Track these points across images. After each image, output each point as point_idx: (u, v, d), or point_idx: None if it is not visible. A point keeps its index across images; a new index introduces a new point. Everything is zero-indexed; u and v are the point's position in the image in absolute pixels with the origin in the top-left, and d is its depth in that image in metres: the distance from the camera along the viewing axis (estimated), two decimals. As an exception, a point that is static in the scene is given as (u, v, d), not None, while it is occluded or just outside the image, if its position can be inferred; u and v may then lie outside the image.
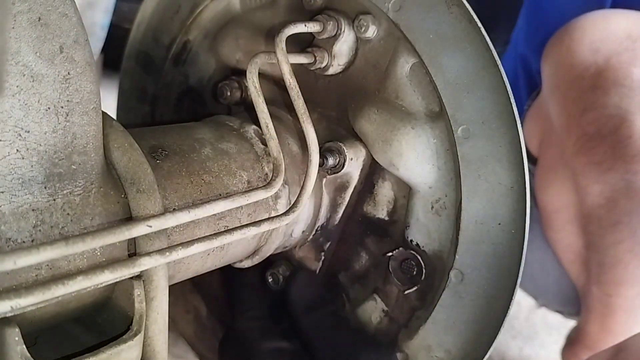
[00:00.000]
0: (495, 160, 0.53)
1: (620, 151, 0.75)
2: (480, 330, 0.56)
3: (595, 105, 0.77)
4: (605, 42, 0.79)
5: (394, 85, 0.58)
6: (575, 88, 0.79)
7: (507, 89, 0.51)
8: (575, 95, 0.79)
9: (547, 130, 0.89)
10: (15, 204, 0.40)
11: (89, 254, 0.43)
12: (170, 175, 0.51)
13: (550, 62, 0.85)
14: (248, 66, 0.55)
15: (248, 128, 0.60)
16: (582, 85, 0.78)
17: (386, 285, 0.63)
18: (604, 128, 0.76)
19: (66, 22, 0.40)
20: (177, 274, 0.54)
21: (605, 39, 0.79)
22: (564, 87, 0.82)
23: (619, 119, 0.75)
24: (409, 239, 0.61)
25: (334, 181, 0.63)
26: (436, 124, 0.56)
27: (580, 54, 0.80)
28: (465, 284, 0.56)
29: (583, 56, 0.80)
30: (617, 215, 0.77)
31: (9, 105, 0.38)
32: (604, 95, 0.76)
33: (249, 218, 0.57)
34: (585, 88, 0.78)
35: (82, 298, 0.44)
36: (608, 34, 0.80)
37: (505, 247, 0.54)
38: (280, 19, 0.66)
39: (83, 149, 0.43)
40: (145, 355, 0.47)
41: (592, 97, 0.77)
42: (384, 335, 0.64)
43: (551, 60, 0.85)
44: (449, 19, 0.53)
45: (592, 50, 0.79)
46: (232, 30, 0.70)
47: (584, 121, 0.78)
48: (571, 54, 0.80)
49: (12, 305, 0.36)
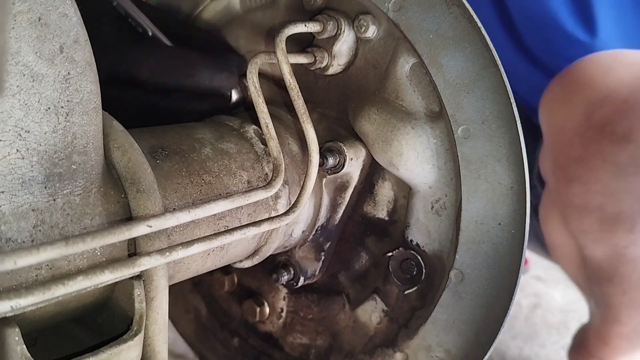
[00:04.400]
0: (495, 160, 0.53)
1: (608, 227, 0.73)
2: (480, 330, 0.56)
3: (581, 179, 0.73)
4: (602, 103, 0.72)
5: (394, 85, 0.58)
6: (564, 155, 0.76)
7: (507, 89, 0.51)
8: (564, 162, 0.76)
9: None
10: (15, 204, 0.40)
11: (89, 254, 0.43)
12: (170, 175, 0.51)
13: (546, 112, 0.81)
14: (248, 66, 0.55)
15: (248, 128, 0.60)
16: (570, 154, 0.74)
17: (386, 285, 0.63)
18: (591, 203, 0.73)
19: (66, 22, 0.40)
20: (177, 274, 0.54)
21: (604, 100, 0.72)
22: (554, 149, 0.78)
23: (606, 197, 0.71)
24: (409, 239, 0.61)
25: (334, 181, 0.63)
26: (436, 124, 0.56)
27: (574, 116, 0.75)
28: (465, 284, 0.56)
29: (576, 119, 0.74)
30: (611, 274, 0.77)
31: (9, 105, 0.38)
32: (591, 171, 0.72)
33: (249, 218, 0.57)
34: (574, 158, 0.74)
35: (82, 298, 0.44)
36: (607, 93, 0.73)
37: (505, 247, 0.54)
38: (280, 19, 0.66)
39: (83, 149, 0.43)
40: (145, 355, 0.47)
41: (578, 170, 0.73)
42: (384, 335, 0.64)
43: (546, 111, 0.81)
44: (449, 19, 0.53)
45: (585, 115, 0.73)
46: (232, 30, 0.70)
47: (570, 191, 0.75)
48: (564, 114, 0.76)
49: (12, 305, 0.36)
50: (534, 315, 1.37)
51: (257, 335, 0.75)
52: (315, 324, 0.70)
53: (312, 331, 0.71)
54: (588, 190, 0.73)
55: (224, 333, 0.78)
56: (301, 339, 0.72)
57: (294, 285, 0.67)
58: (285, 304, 0.72)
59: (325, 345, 0.70)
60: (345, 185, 0.63)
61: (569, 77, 0.78)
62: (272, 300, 0.73)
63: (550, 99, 0.80)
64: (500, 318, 0.54)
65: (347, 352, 0.68)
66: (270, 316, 0.73)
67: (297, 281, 0.66)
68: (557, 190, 0.78)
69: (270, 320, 0.74)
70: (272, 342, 0.74)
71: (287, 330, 0.73)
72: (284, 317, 0.73)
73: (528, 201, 0.52)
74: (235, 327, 0.77)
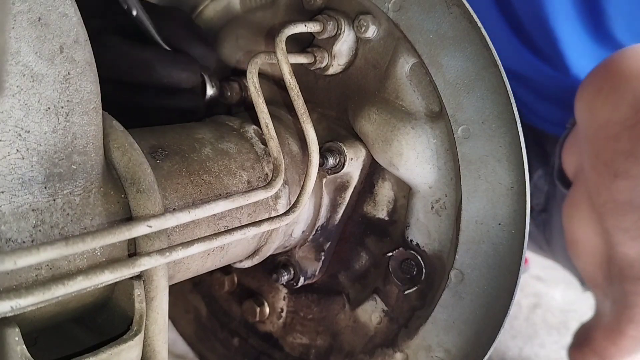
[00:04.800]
0: (495, 160, 0.53)
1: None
2: (480, 330, 0.56)
3: (629, 174, 0.70)
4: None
5: (394, 85, 0.58)
6: (610, 150, 0.72)
7: (507, 89, 0.51)
8: (608, 157, 0.73)
9: (581, 165, 0.84)
10: (15, 204, 0.40)
11: (89, 254, 0.43)
12: (170, 175, 0.51)
13: (586, 106, 0.78)
14: (248, 66, 0.55)
15: (248, 128, 0.60)
16: (617, 148, 0.71)
17: (386, 285, 0.63)
18: (637, 199, 0.70)
19: (66, 22, 0.40)
20: (177, 274, 0.54)
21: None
22: (597, 144, 0.75)
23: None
24: (409, 239, 0.61)
25: (334, 181, 0.63)
26: (436, 124, 0.56)
27: (620, 110, 0.71)
28: (465, 284, 0.56)
29: (623, 113, 0.71)
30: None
31: (9, 105, 0.38)
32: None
33: (249, 218, 0.57)
34: (620, 152, 0.71)
35: (82, 298, 0.44)
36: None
37: (505, 247, 0.54)
38: (280, 19, 0.66)
39: (83, 149, 0.43)
40: (145, 355, 0.47)
41: (626, 164, 0.70)
42: (384, 335, 0.64)
43: (586, 104, 0.77)
44: (449, 19, 0.53)
45: (634, 108, 0.70)
46: (232, 30, 0.70)
47: (614, 187, 0.72)
48: (609, 107, 0.72)
49: (12, 305, 0.36)
50: (534, 315, 1.38)
51: (257, 335, 0.75)
52: (315, 324, 0.70)
53: (312, 331, 0.71)
54: (635, 186, 0.70)
55: (224, 333, 0.78)
56: (301, 339, 0.72)
57: (294, 285, 0.67)
58: (285, 304, 0.72)
59: (325, 345, 0.70)
60: (345, 185, 0.63)
61: (612, 69, 0.75)
62: (272, 300, 0.73)
63: (591, 91, 0.77)
64: (500, 318, 0.54)
65: (347, 352, 0.68)
66: (270, 316, 0.73)
67: (297, 281, 0.66)
68: (598, 186, 0.75)
69: (270, 320, 0.74)
70: (272, 342, 0.74)
71: (287, 330, 0.73)
72: (284, 317, 0.73)
73: (528, 201, 0.52)
74: (235, 327, 0.77)
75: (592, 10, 0.92)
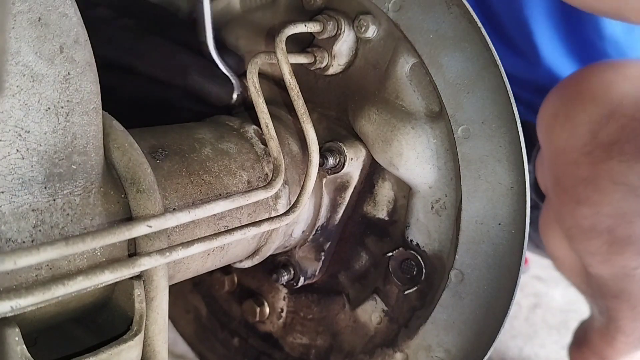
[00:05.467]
0: (495, 160, 0.53)
1: (617, 249, 0.69)
2: (480, 330, 0.56)
3: (590, 201, 0.69)
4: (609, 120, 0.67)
5: (394, 85, 0.58)
6: (570, 176, 0.71)
7: (507, 89, 0.51)
8: (569, 184, 0.71)
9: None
10: (15, 204, 0.40)
11: (89, 254, 0.43)
12: (170, 175, 0.51)
13: (545, 130, 0.76)
14: (248, 66, 0.55)
15: (248, 128, 0.60)
16: (577, 174, 0.70)
17: (386, 285, 0.63)
18: (600, 225, 0.69)
19: (66, 22, 0.40)
20: (177, 274, 0.54)
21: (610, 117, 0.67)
22: (557, 170, 0.74)
23: (616, 219, 0.68)
24: (409, 239, 0.61)
25: (334, 181, 0.63)
26: (436, 124, 0.56)
27: (578, 135, 0.69)
28: (465, 284, 0.56)
29: (580, 138, 0.69)
30: (618, 292, 0.75)
31: (9, 105, 0.38)
32: (600, 193, 0.67)
33: (249, 218, 0.57)
34: (580, 179, 0.69)
35: (82, 298, 0.44)
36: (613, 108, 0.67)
37: (505, 247, 0.54)
38: (280, 19, 0.66)
39: (83, 149, 0.43)
40: (145, 355, 0.47)
41: (586, 191, 0.69)
42: (384, 335, 0.64)
43: (545, 129, 0.76)
44: (449, 19, 0.53)
45: (591, 133, 0.68)
46: (232, 30, 0.70)
47: (577, 214, 0.71)
48: (566, 133, 0.71)
49: (12, 305, 0.36)
50: (534, 315, 1.38)
51: (257, 335, 0.75)
52: (315, 324, 0.70)
53: (312, 331, 0.71)
54: (597, 212, 0.69)
55: (224, 333, 0.78)
56: (301, 339, 0.72)
57: (294, 285, 0.67)
58: (285, 304, 0.72)
59: (325, 345, 0.70)
60: (345, 185, 0.63)
61: (569, 91, 0.74)
62: (272, 300, 0.73)
63: (550, 114, 0.75)
64: (500, 318, 0.54)
65: (347, 352, 0.68)
66: (270, 316, 0.73)
67: (297, 281, 0.66)
68: (562, 211, 0.74)
69: (270, 320, 0.74)
70: (272, 342, 0.74)
71: (287, 330, 0.73)
72: (284, 317, 0.73)
73: (528, 201, 0.52)
74: (235, 327, 0.77)
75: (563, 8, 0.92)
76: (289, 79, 0.54)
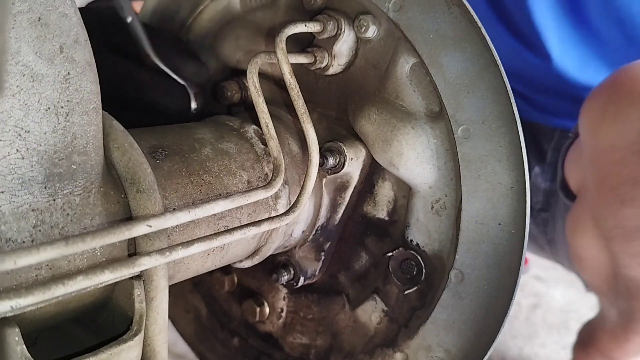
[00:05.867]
0: (495, 160, 0.53)
1: None
2: (480, 330, 0.56)
3: (636, 202, 0.67)
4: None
5: (394, 85, 0.58)
6: (616, 176, 0.69)
7: (507, 89, 0.51)
8: (614, 184, 0.69)
9: (585, 182, 0.81)
10: (15, 204, 0.40)
11: (89, 254, 0.43)
12: (170, 175, 0.51)
13: (589, 127, 0.73)
14: (248, 66, 0.55)
15: (248, 128, 0.60)
16: (623, 174, 0.68)
17: (386, 285, 0.63)
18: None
19: (66, 22, 0.40)
20: (177, 274, 0.54)
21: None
22: (602, 168, 0.71)
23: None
24: (409, 239, 0.61)
25: (334, 181, 0.63)
26: (436, 124, 0.56)
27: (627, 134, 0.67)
28: (465, 284, 0.56)
29: (629, 137, 0.66)
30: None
31: (9, 105, 0.38)
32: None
33: (249, 218, 0.57)
34: (627, 179, 0.67)
35: (82, 298, 0.44)
36: None
37: (505, 247, 0.54)
38: (280, 19, 0.66)
39: (83, 149, 0.43)
40: (145, 355, 0.47)
41: (633, 192, 0.67)
42: (384, 335, 0.64)
43: (590, 125, 0.73)
44: (449, 19, 0.53)
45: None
46: (232, 30, 0.70)
47: (621, 214, 0.69)
48: (615, 131, 0.68)
49: (12, 305, 0.36)
50: (534, 315, 1.38)
51: (257, 335, 0.75)
52: (315, 324, 0.70)
53: (312, 331, 0.71)
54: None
55: (224, 333, 0.78)
56: (301, 339, 0.72)
57: (294, 285, 0.67)
58: (285, 304, 0.72)
59: (325, 345, 0.70)
60: (345, 185, 0.63)
61: (619, 88, 0.71)
62: (272, 300, 0.73)
63: (595, 111, 0.73)
64: (500, 318, 0.54)
65: (347, 352, 0.68)
66: (270, 316, 0.73)
67: (297, 281, 0.66)
68: (603, 211, 0.72)
69: (270, 320, 0.74)
70: (272, 342, 0.74)
71: (287, 330, 0.73)
72: (284, 317, 0.73)
73: (528, 201, 0.52)
74: (235, 327, 0.77)
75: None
76: (289, 78, 0.54)
